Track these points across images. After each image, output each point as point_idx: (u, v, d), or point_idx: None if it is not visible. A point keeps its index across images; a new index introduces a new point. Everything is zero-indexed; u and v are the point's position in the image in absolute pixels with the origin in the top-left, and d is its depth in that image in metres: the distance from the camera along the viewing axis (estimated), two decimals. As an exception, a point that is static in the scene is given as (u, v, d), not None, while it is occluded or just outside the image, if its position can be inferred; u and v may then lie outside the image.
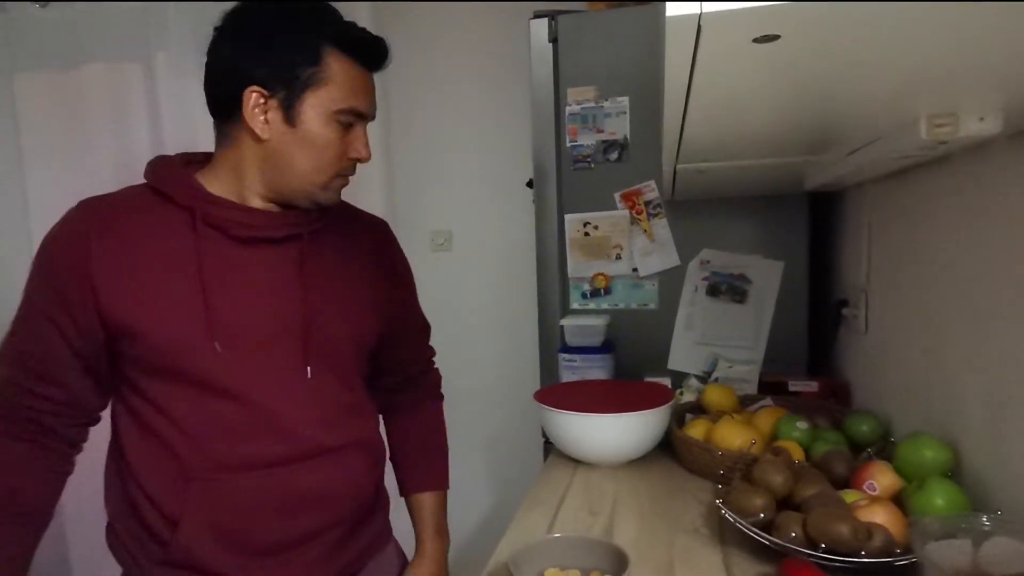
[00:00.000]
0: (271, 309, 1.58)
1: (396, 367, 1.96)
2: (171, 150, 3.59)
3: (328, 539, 1.65)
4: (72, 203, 1.54)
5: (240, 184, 1.58)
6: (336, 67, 1.51)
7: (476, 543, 4.03)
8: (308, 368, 1.60)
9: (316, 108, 1.51)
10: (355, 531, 1.73)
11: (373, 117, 1.63)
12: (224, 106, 1.55)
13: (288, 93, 1.50)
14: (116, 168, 3.76)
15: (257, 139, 1.53)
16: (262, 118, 1.51)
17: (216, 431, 1.52)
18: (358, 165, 1.65)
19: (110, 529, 1.64)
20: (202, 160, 1.65)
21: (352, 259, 1.75)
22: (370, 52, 1.57)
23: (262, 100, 1.50)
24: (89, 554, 4.09)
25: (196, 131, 3.66)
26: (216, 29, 1.55)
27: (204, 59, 1.57)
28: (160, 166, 1.61)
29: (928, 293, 1.75)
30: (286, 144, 1.53)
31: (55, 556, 4.22)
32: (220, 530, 1.53)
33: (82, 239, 1.48)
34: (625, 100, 2.63)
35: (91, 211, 1.52)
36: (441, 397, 2.11)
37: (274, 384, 1.57)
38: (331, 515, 1.65)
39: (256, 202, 1.59)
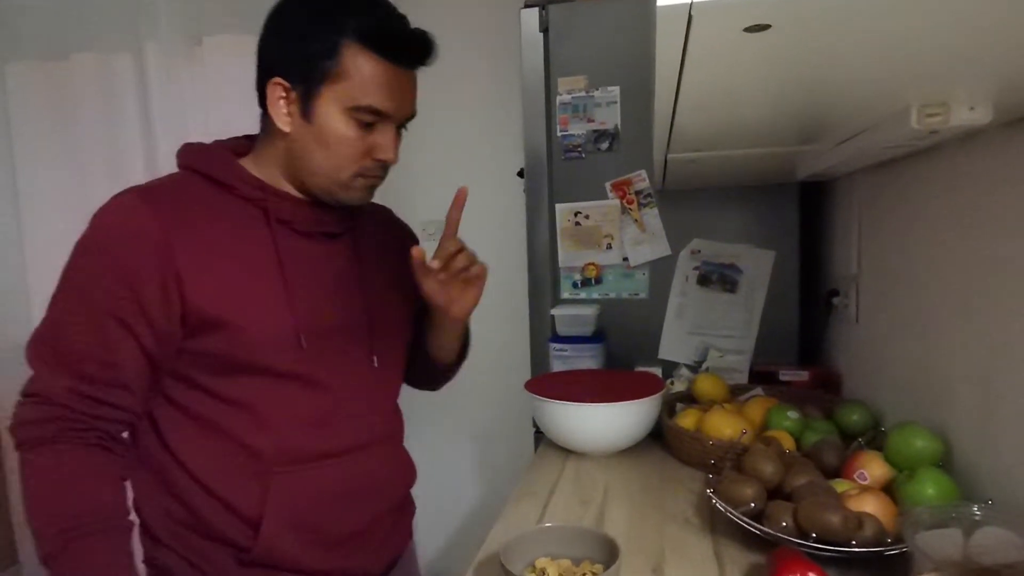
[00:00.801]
0: (339, 301, 1.62)
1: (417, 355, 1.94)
2: (162, 139, 3.59)
3: (387, 524, 1.72)
4: (62, 192, 1.46)
5: (275, 176, 1.58)
6: (355, 62, 1.45)
7: (466, 533, 4.03)
8: (374, 357, 1.67)
9: (332, 103, 1.47)
10: (403, 516, 1.80)
11: (407, 117, 1.58)
12: (261, 98, 1.53)
13: (306, 87, 1.47)
14: (107, 157, 3.75)
15: (282, 132, 1.52)
16: (284, 111, 1.50)
17: (298, 423, 1.52)
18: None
19: (156, 548, 1.56)
20: (243, 146, 1.64)
21: (390, 252, 1.79)
22: (400, 48, 1.49)
23: (284, 93, 1.49)
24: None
25: (186, 120, 3.66)
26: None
27: (194, 49, 1.58)
28: (215, 156, 1.57)
29: (919, 282, 1.76)
30: (304, 138, 1.51)
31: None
32: (301, 524, 1.53)
33: (160, 231, 1.41)
34: (616, 90, 2.63)
35: (154, 200, 1.45)
36: None
37: (348, 373, 1.61)
38: (390, 500, 1.72)
39: (294, 195, 1.59)
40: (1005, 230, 1.35)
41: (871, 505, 1.44)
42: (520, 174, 2.82)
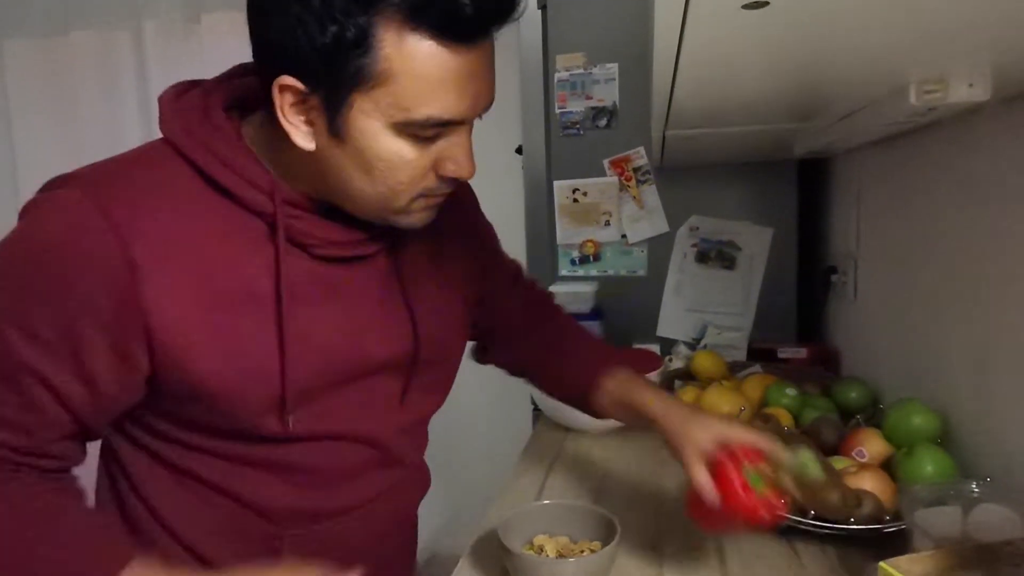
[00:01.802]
0: (367, 338, 1.23)
1: (505, 323, 1.63)
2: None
3: (402, 557, 1.55)
4: (61, 169, 1.06)
5: (295, 185, 1.14)
6: (400, 54, 0.96)
7: (465, 510, 4.04)
8: (405, 396, 1.33)
9: (371, 117, 1.01)
10: (413, 528, 1.59)
11: (481, 113, 1.10)
12: (267, 97, 1.04)
13: (330, 93, 1.00)
14: (105, 134, 3.75)
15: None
16: (302, 124, 1.04)
17: (313, 477, 1.23)
18: None
19: None
20: (250, 100, 1.15)
21: (446, 247, 1.38)
22: (465, 16, 0.96)
23: (298, 99, 1.01)
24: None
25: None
26: None
27: (192, 27, 1.16)
28: (213, 143, 1.09)
29: (917, 259, 1.75)
30: (336, 159, 1.05)
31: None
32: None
33: (116, 248, 0.99)
34: (614, 67, 2.63)
35: (108, 193, 1.01)
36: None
37: (368, 416, 1.27)
38: (413, 526, 1.56)
39: (312, 201, 1.15)
40: (1004, 207, 1.35)
41: (870, 482, 1.44)
42: (518, 151, 2.82)
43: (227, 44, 3.56)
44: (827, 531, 1.37)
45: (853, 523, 1.36)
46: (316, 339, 1.15)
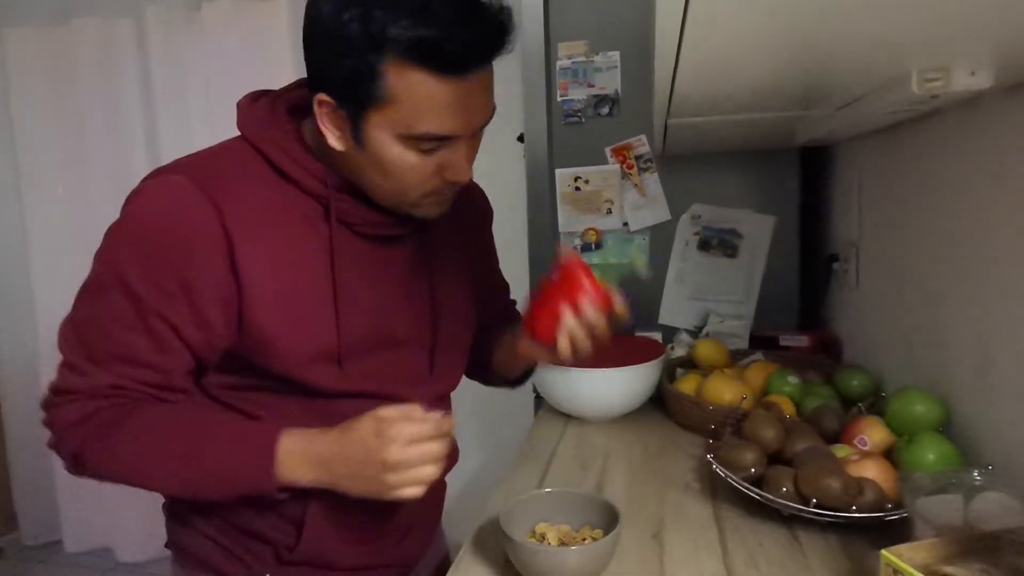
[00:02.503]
0: (400, 312, 1.47)
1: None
2: (161, 106, 3.57)
3: (425, 512, 1.66)
4: (62, 157, 1.32)
5: (339, 176, 1.37)
6: (401, 83, 1.19)
7: (467, 498, 4.04)
8: (433, 367, 1.56)
9: (383, 130, 1.24)
10: (438, 500, 1.78)
11: (482, 125, 1.32)
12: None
13: (352, 110, 1.24)
14: (107, 122, 3.75)
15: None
16: (335, 130, 1.28)
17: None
18: None
19: (186, 534, 1.50)
20: (304, 99, 1.35)
21: (462, 240, 1.64)
22: (459, 54, 1.19)
23: (330, 111, 1.26)
24: (77, 516, 4.13)
25: (186, 86, 3.66)
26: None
27: (194, 15, 1.42)
28: (279, 138, 1.34)
29: (919, 247, 1.75)
30: (359, 161, 1.29)
31: (45, 516, 4.25)
32: (344, 523, 1.46)
33: (220, 228, 1.24)
34: (616, 55, 2.62)
35: (210, 186, 1.26)
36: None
37: (403, 386, 1.46)
38: (432, 496, 1.60)
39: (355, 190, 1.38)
40: (1005, 194, 1.35)
41: (871, 470, 1.45)
42: (520, 139, 2.81)
43: (228, 32, 3.57)
44: (829, 519, 1.37)
45: (855, 511, 1.36)
46: (361, 303, 1.40)
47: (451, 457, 1.63)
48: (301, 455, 1.28)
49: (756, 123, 1.91)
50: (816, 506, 1.38)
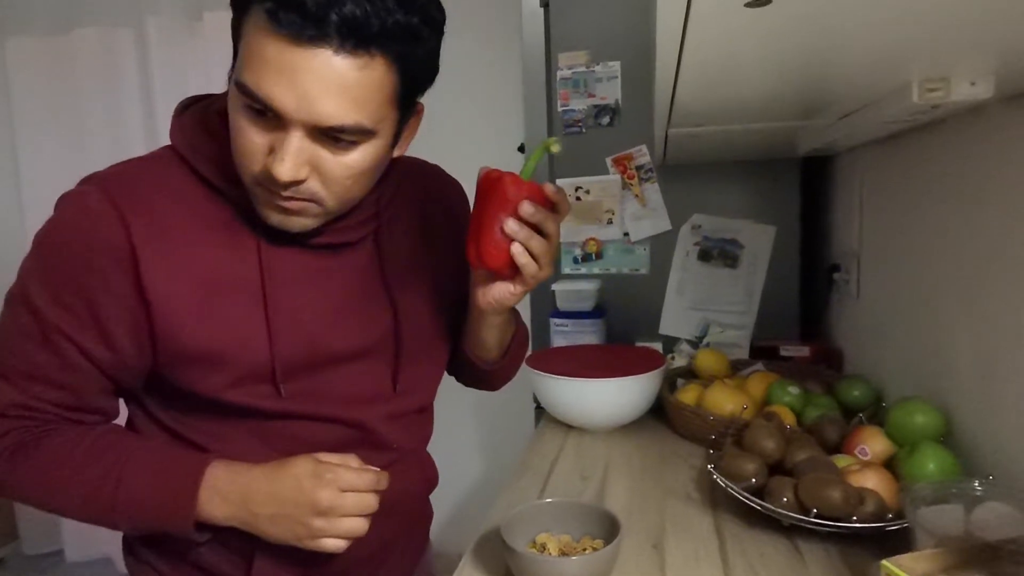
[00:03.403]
0: (352, 324, 1.36)
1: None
2: (162, 114, 3.57)
3: (401, 540, 1.58)
4: (63, 167, 1.28)
5: None
6: (249, 23, 1.08)
7: (467, 508, 4.05)
8: (397, 382, 1.44)
9: (234, 69, 1.14)
10: (419, 527, 1.68)
11: (314, 122, 1.10)
12: None
13: (233, 62, 1.15)
14: (108, 132, 3.76)
15: None
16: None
17: (292, 450, 1.27)
18: None
19: (136, 565, 1.47)
20: None
21: (429, 241, 1.51)
22: (292, 8, 1.02)
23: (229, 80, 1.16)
24: (78, 526, 4.12)
25: (187, 95, 3.64)
26: None
27: (195, 24, 1.36)
28: (201, 140, 1.27)
29: (920, 258, 1.75)
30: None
31: (47, 525, 4.24)
32: (297, 558, 1.32)
33: (126, 244, 1.17)
34: (617, 65, 2.62)
35: (123, 200, 1.18)
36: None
37: (358, 398, 1.38)
38: (411, 517, 1.61)
39: None
40: (1007, 205, 1.35)
41: (872, 481, 1.45)
42: (521, 149, 2.82)
43: (228, 42, 3.56)
44: (830, 529, 1.37)
45: (856, 521, 1.36)
46: (301, 319, 1.30)
47: (423, 476, 1.59)
48: (222, 490, 1.21)
49: (757, 133, 1.91)
50: (817, 516, 1.38)
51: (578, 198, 2.71)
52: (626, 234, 2.70)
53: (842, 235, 2.46)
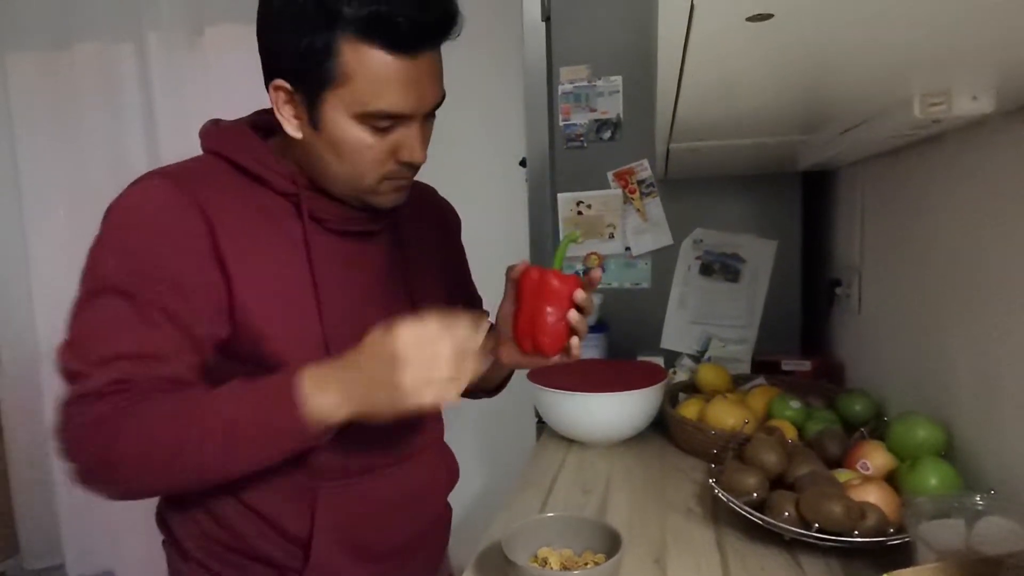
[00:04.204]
0: (380, 306, 1.47)
1: None
2: (163, 129, 3.58)
3: (430, 532, 1.67)
4: (64, 182, 1.32)
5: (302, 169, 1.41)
6: (357, 59, 1.22)
7: (469, 523, 4.03)
8: None
9: (338, 110, 1.27)
10: (444, 522, 1.76)
11: (433, 107, 1.35)
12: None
13: (308, 92, 1.27)
14: (109, 148, 3.76)
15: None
16: (292, 116, 1.32)
17: (344, 434, 1.30)
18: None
19: (185, 564, 1.47)
20: (268, 122, 1.41)
21: (434, 241, 1.68)
22: (411, 32, 1.23)
23: (288, 97, 1.30)
24: (79, 540, 4.11)
25: (188, 111, 3.66)
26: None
27: (196, 39, 1.42)
28: (245, 142, 1.39)
29: (921, 272, 1.75)
30: (317, 146, 1.32)
31: (48, 539, 4.23)
32: (350, 540, 1.45)
33: (203, 220, 1.28)
34: (618, 79, 2.63)
35: (189, 186, 1.29)
36: None
37: None
38: (434, 507, 1.68)
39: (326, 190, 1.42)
40: (1008, 220, 1.35)
41: (873, 495, 1.44)
42: (522, 163, 2.82)
43: (230, 56, 3.57)
44: (831, 544, 1.37)
45: (857, 536, 1.35)
46: (340, 295, 1.42)
47: (447, 468, 1.72)
48: (322, 386, 1.22)
49: (758, 147, 1.91)
50: (818, 531, 1.38)
51: (580, 213, 2.71)
52: (628, 248, 2.70)
53: (843, 249, 2.46)
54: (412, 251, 1.59)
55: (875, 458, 1.61)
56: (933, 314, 1.69)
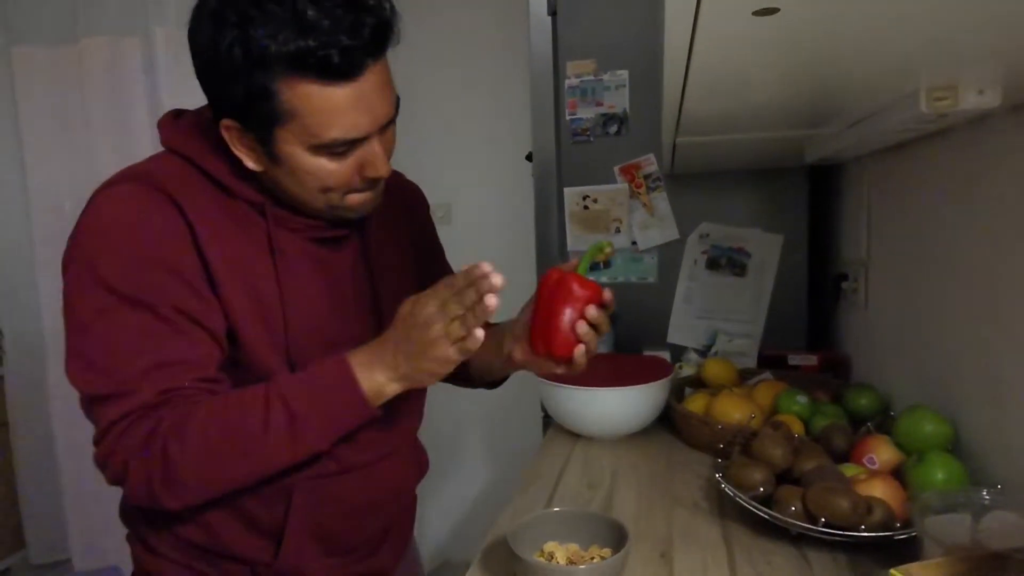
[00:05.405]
0: (348, 311, 1.48)
1: None
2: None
3: (399, 523, 1.69)
4: (70, 178, 1.33)
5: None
6: (296, 97, 1.20)
7: (475, 517, 4.04)
8: None
9: (293, 144, 1.25)
10: (410, 511, 1.77)
11: (384, 125, 1.30)
12: None
13: (257, 130, 1.25)
14: (115, 142, 3.75)
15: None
16: (248, 153, 1.30)
17: None
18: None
19: (153, 561, 1.48)
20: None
21: (399, 239, 1.65)
22: (346, 59, 1.18)
23: (239, 134, 1.28)
24: (85, 535, 4.12)
25: (194, 105, 3.65)
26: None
27: None
28: (208, 147, 1.35)
29: (928, 267, 1.75)
30: (278, 176, 1.31)
31: (54, 533, 4.24)
32: (322, 536, 1.46)
33: (175, 212, 1.27)
34: (625, 73, 2.62)
35: (161, 186, 1.28)
36: None
37: None
38: (405, 500, 1.70)
39: None
40: (1014, 213, 1.35)
41: (880, 490, 1.44)
42: (528, 158, 2.82)
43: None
44: (838, 538, 1.37)
45: (864, 530, 1.35)
46: (308, 303, 1.41)
47: (416, 463, 1.71)
48: (369, 363, 1.28)
49: (765, 142, 1.91)
50: (825, 525, 1.38)
51: (586, 207, 2.71)
52: (634, 243, 2.70)
53: (850, 244, 2.45)
54: (379, 256, 1.57)
55: (882, 453, 1.61)
56: (939, 308, 1.69)
